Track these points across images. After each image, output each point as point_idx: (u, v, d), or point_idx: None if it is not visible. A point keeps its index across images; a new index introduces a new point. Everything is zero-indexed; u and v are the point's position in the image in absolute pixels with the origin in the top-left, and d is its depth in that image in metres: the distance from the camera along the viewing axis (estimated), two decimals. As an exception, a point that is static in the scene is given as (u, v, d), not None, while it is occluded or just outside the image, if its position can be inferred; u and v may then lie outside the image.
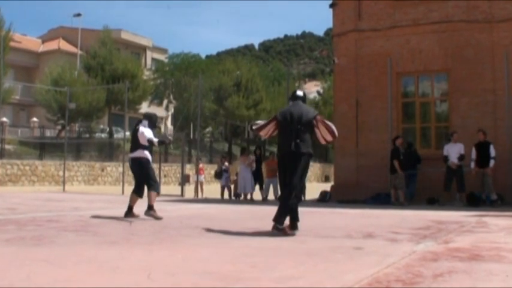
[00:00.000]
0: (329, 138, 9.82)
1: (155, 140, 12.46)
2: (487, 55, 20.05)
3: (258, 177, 22.96)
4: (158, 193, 12.63)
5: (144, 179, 12.48)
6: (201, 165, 28.44)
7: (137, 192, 12.61)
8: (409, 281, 5.09)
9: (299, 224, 9.29)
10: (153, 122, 12.83)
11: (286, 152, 9.64)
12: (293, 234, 9.11)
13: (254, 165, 22.80)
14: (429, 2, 20.96)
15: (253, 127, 10.55)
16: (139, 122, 12.75)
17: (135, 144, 12.44)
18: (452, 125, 20.38)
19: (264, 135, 10.37)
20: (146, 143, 12.29)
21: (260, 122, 10.58)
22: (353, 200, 19.98)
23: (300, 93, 10.44)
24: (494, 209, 16.44)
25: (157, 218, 11.90)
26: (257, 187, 22.83)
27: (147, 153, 12.44)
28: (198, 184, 27.50)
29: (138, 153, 12.38)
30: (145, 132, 12.31)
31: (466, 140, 18.74)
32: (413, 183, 19.97)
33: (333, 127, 9.74)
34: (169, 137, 15.38)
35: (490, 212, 15.04)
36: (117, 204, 17.93)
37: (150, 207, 12.16)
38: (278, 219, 9.26)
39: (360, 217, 13.17)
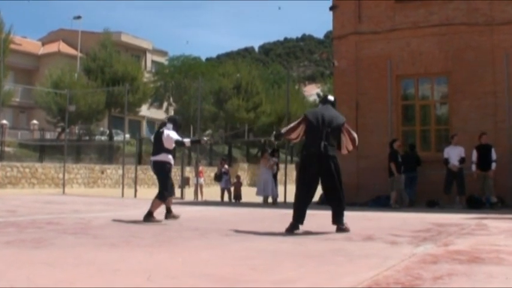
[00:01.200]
0: (350, 147, 10.26)
1: (186, 140, 12.57)
2: (487, 58, 20.05)
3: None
4: (162, 202, 12.32)
5: (159, 182, 12.39)
6: (200, 168, 28.48)
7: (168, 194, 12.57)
8: (409, 284, 5.09)
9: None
10: (177, 125, 12.68)
11: (313, 153, 9.82)
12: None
13: (275, 167, 22.64)
14: (429, 5, 20.96)
15: (282, 131, 10.65)
16: (163, 125, 12.69)
17: (159, 147, 12.32)
18: (452, 127, 20.38)
19: (295, 138, 10.44)
20: (171, 146, 12.24)
21: (288, 127, 10.55)
22: (353, 202, 19.94)
23: (331, 98, 10.78)
24: (494, 212, 16.45)
25: (157, 221, 11.87)
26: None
27: (170, 158, 12.33)
28: (198, 187, 27.52)
29: (161, 157, 12.26)
30: (171, 134, 12.20)
31: (466, 142, 18.74)
32: (414, 186, 19.96)
33: (356, 137, 10.22)
34: (205, 138, 15.32)
35: (490, 215, 15.03)
36: (117, 206, 17.97)
37: (150, 213, 12.06)
38: (340, 221, 9.91)
39: (360, 219, 13.16)
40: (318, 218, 11.42)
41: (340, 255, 7.01)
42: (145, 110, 59.11)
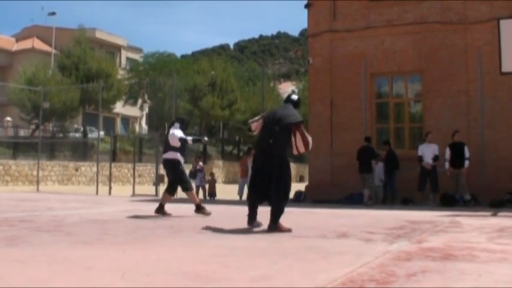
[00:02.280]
0: (302, 149, 9.84)
1: (189, 138, 12.94)
2: (460, 56, 20.20)
3: None
4: (193, 192, 13.34)
5: (176, 180, 12.95)
6: None
7: (170, 191, 13.07)
8: (383, 281, 5.11)
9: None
10: (184, 124, 13.33)
11: (261, 151, 9.85)
12: (290, 230, 9.45)
13: None
14: (404, 3, 21.08)
15: (249, 121, 10.60)
16: (172, 124, 13.34)
17: (167, 146, 12.91)
18: (426, 125, 20.51)
19: (254, 129, 10.27)
20: (177, 144, 12.72)
21: (255, 118, 10.60)
22: (327, 200, 20.04)
23: (294, 97, 10.51)
24: (467, 209, 16.56)
25: (207, 214, 12.65)
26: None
27: (178, 155, 12.86)
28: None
29: (169, 155, 12.85)
30: (176, 132, 12.78)
31: (439, 140, 18.86)
32: (395, 183, 20.03)
33: (309, 140, 9.81)
34: (205, 138, 15.67)
35: (464, 212, 15.14)
36: (91, 204, 17.91)
37: (198, 207, 12.83)
38: (273, 219, 9.52)
39: (334, 217, 13.20)
40: (292, 216, 11.44)
41: (314, 252, 7.02)
42: (119, 107, 58.81)
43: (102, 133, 43.93)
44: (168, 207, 12.91)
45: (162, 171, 30.43)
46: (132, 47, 73.85)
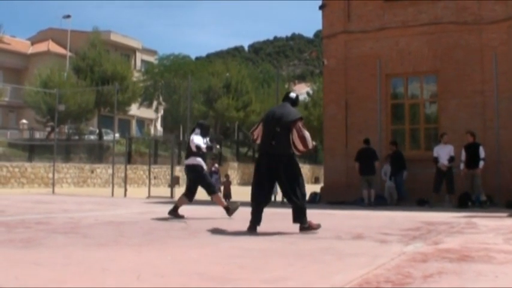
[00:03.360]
0: (300, 147, 9.53)
1: (203, 146, 12.87)
2: (476, 57, 20.13)
3: None
4: (218, 194, 13.72)
5: (201, 185, 13.13)
6: None
7: (187, 196, 13.11)
8: (399, 282, 5.09)
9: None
10: (204, 130, 13.34)
11: (264, 152, 9.74)
12: (320, 225, 9.62)
13: None
14: (418, 4, 21.03)
15: (250, 131, 10.57)
16: (193, 130, 13.39)
17: (188, 151, 13.08)
18: (441, 126, 20.45)
19: (255, 138, 10.14)
20: (195, 150, 12.80)
21: (253, 128, 10.46)
22: (343, 201, 20.01)
23: (292, 94, 10.31)
24: (483, 210, 16.49)
25: (236, 208, 13.00)
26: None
27: (199, 160, 12.94)
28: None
29: (190, 160, 12.98)
30: (195, 139, 12.85)
31: (455, 141, 18.79)
32: (403, 184, 20.00)
33: (308, 139, 9.52)
34: (217, 146, 15.72)
35: (479, 213, 15.07)
36: (106, 206, 17.94)
37: (227, 209, 12.93)
38: (301, 220, 9.53)
39: (349, 218, 13.18)
40: (308, 217, 11.39)
41: (329, 253, 7.01)
42: (135, 109, 58.97)
43: (117, 135, 44.04)
44: (184, 208, 12.91)
45: (178, 173, 30.58)
46: (146, 49, 74.02)
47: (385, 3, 21.60)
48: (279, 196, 21.47)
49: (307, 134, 9.54)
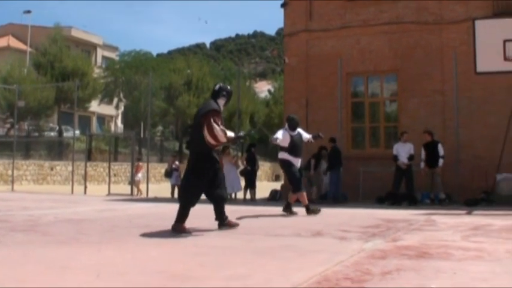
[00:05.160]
0: (211, 141, 9.16)
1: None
2: (436, 56, 20.32)
3: (251, 178, 21.99)
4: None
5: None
6: (140, 164, 28.32)
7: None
8: (358, 279, 5.12)
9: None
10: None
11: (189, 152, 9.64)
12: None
13: (239, 163, 22.35)
14: (380, 3, 21.15)
15: None
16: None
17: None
18: (401, 125, 20.61)
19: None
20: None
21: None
22: (314, 197, 20.04)
23: (215, 87, 9.89)
24: (442, 208, 16.64)
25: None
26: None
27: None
28: (135, 183, 27.43)
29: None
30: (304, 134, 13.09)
31: (415, 140, 18.92)
32: (340, 183, 20.05)
33: (217, 132, 9.06)
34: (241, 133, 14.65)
35: (439, 211, 15.19)
36: (66, 203, 17.80)
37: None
38: (217, 216, 9.65)
39: (307, 216, 13.20)
40: (267, 215, 11.43)
41: (289, 250, 7.03)
42: (95, 106, 58.47)
43: (77, 132, 43.66)
44: (142, 206, 12.79)
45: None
46: (108, 45, 73.56)
47: (347, 2, 21.69)
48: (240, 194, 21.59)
49: (217, 128, 9.09)
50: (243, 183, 22.03)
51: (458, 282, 5.13)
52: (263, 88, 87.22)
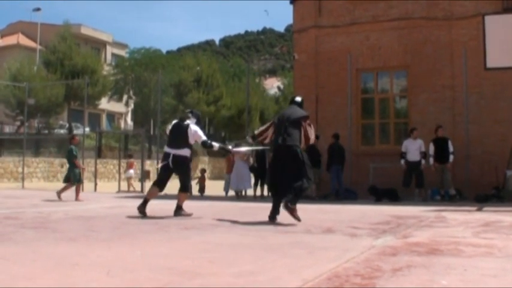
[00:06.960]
0: (304, 141, 10.77)
1: (215, 144, 12.29)
2: (445, 52, 20.27)
3: (261, 175, 21.23)
4: (188, 194, 12.50)
5: (183, 179, 12.15)
6: (132, 160, 28.51)
7: (159, 185, 12.29)
8: (368, 275, 5.10)
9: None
10: (199, 120, 12.39)
11: (277, 146, 10.52)
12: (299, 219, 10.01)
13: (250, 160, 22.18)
14: (389, -1, 21.12)
15: (256, 132, 11.69)
16: (184, 118, 12.21)
17: (183, 141, 11.88)
18: (411, 120, 20.57)
19: (264, 139, 11.36)
20: (193, 142, 11.97)
21: (261, 128, 11.62)
22: (314, 195, 20.02)
23: (298, 99, 11.43)
24: (452, 204, 16.60)
25: (188, 215, 11.73)
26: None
27: (190, 152, 12.08)
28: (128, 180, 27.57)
29: (184, 152, 11.87)
30: (199, 132, 11.92)
31: (424, 135, 18.91)
32: (341, 178, 20.01)
33: (310, 135, 10.77)
34: (229, 147, 14.78)
35: (449, 207, 15.15)
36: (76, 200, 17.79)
37: (180, 207, 11.93)
38: (294, 201, 10.15)
39: (319, 212, 13.19)
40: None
41: (299, 247, 7.01)
42: (105, 103, 58.64)
43: (87, 129, 43.78)
44: (152, 203, 12.72)
45: (148, 167, 30.45)
46: (117, 42, 73.57)
47: (356, -2, 21.67)
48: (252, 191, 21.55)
49: (311, 132, 10.83)
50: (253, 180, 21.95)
51: (468, 278, 5.11)
52: (273, 85, 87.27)
